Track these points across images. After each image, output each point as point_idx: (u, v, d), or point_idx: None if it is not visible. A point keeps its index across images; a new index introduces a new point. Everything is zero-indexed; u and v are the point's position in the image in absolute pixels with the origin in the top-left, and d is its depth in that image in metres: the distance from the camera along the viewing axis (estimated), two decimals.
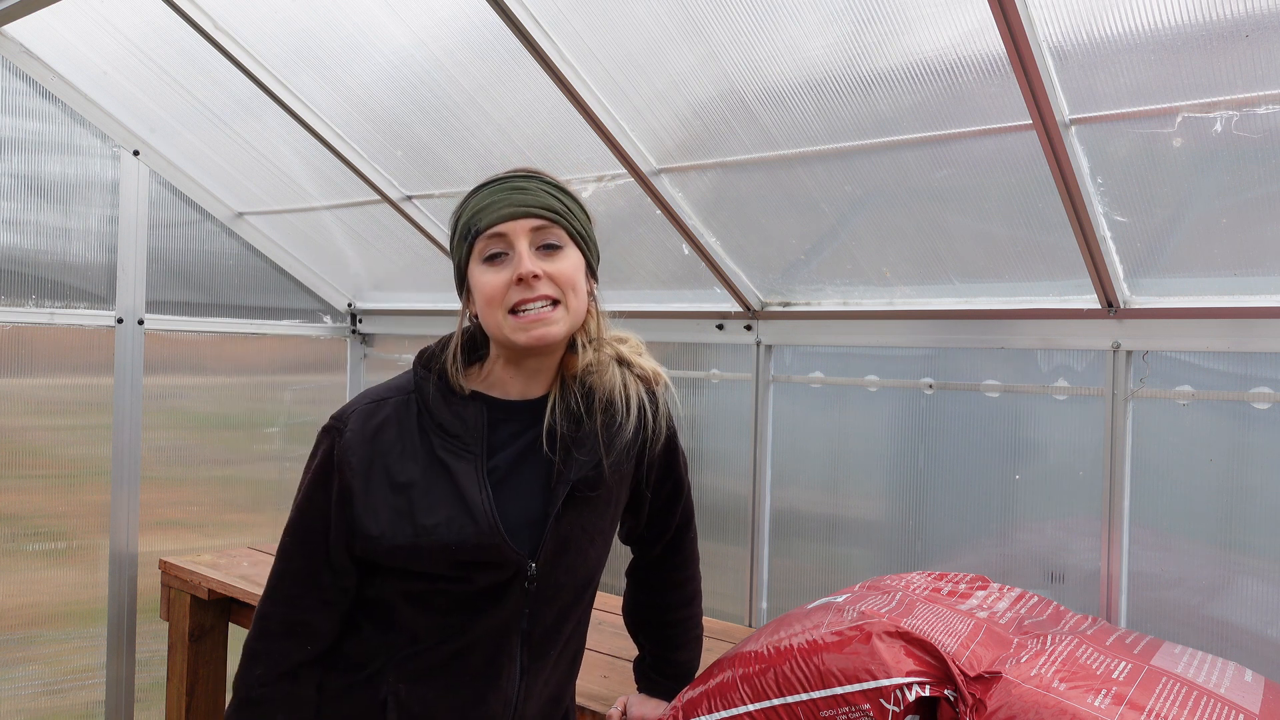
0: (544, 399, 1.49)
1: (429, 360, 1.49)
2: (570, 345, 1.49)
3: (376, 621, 1.47)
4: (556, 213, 1.43)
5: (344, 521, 1.42)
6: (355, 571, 1.46)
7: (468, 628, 1.45)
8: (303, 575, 1.45)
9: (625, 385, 1.50)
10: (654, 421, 1.55)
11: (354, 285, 3.75)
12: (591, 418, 1.47)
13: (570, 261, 1.43)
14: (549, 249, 1.42)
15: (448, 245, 1.51)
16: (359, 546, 1.43)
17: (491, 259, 1.41)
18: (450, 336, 1.51)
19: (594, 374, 1.48)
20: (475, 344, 1.52)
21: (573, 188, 1.49)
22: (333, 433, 1.45)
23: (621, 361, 1.51)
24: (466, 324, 1.50)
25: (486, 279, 1.40)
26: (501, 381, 1.48)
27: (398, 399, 1.47)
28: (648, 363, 1.54)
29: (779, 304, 2.61)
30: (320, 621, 1.46)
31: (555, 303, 1.40)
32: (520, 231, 1.40)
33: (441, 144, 2.69)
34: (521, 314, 1.39)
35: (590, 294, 1.49)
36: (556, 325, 1.40)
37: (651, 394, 1.55)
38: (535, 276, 1.38)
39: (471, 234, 1.42)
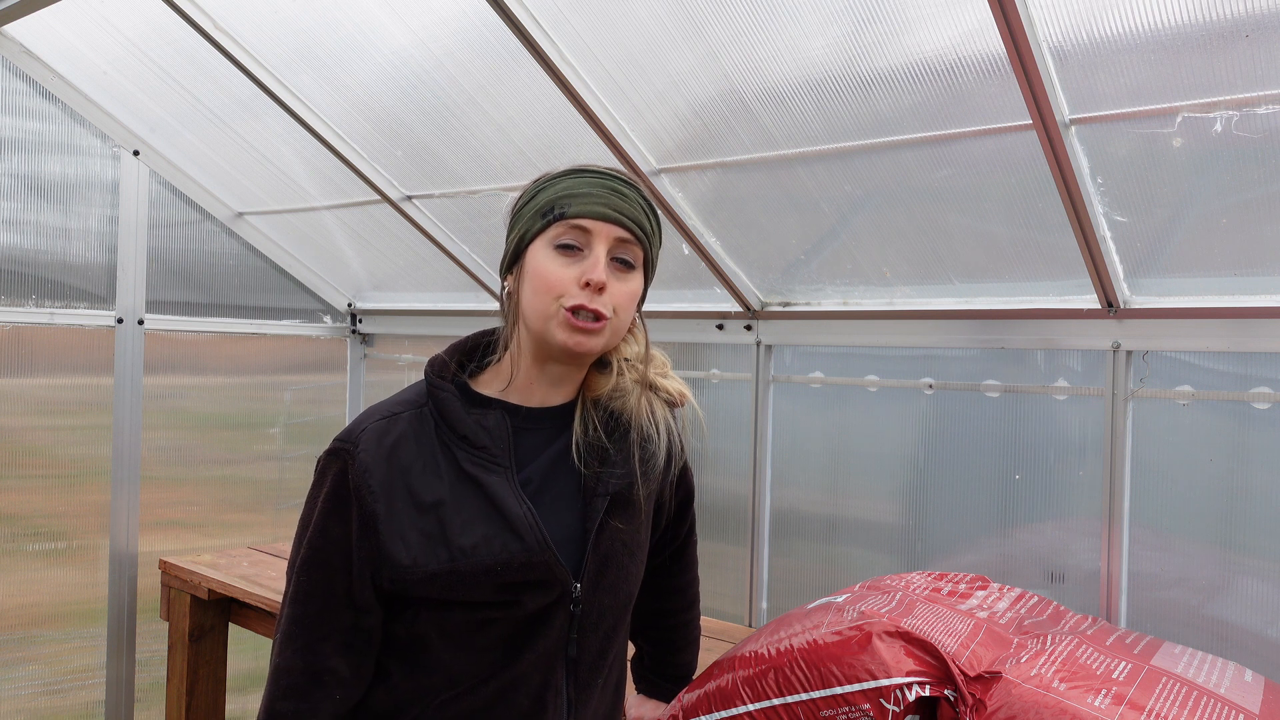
0: (568, 407, 1.41)
1: (441, 369, 1.39)
2: (598, 363, 1.42)
3: (408, 664, 1.34)
4: (645, 234, 1.36)
5: (368, 552, 1.29)
6: (380, 609, 1.32)
7: (510, 663, 1.33)
8: (323, 618, 1.31)
9: (653, 410, 1.42)
10: (680, 439, 1.50)
11: (354, 285, 3.75)
12: (617, 442, 1.40)
13: (634, 285, 1.35)
14: (623, 265, 1.34)
15: (511, 211, 1.41)
16: (388, 578, 1.29)
17: (564, 248, 1.31)
18: (458, 344, 1.44)
19: (620, 397, 1.40)
20: (481, 349, 1.45)
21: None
22: (342, 455, 1.31)
23: (648, 385, 1.43)
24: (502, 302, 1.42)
25: (552, 267, 1.30)
26: (523, 387, 1.38)
27: (410, 413, 1.34)
28: (673, 384, 1.47)
29: (779, 304, 2.61)
30: (345, 668, 1.31)
31: (601, 318, 1.31)
32: (605, 236, 1.31)
33: (441, 144, 2.69)
34: (572, 313, 1.29)
35: (638, 318, 1.43)
36: (597, 340, 1.32)
37: (674, 410, 1.49)
38: (602, 288, 1.30)
39: (554, 214, 1.31)
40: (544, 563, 1.30)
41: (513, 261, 1.38)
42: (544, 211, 1.33)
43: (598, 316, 1.31)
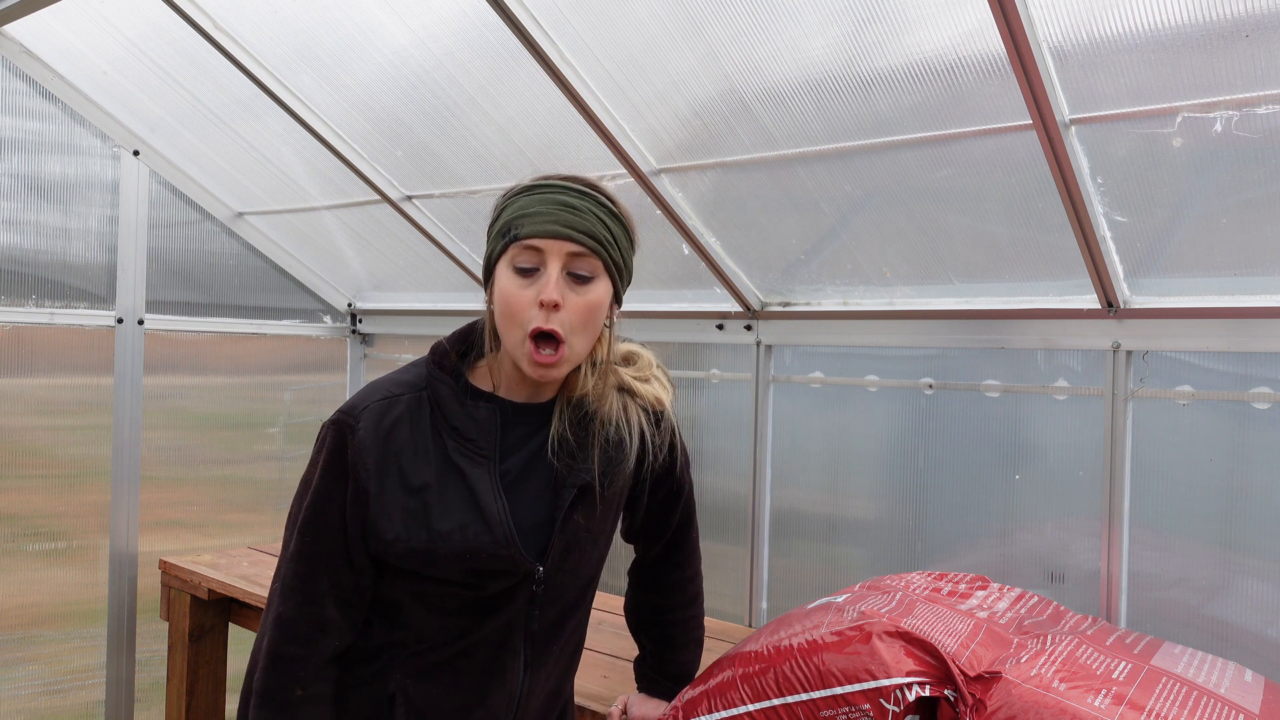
0: (550, 403, 1.50)
1: (442, 359, 1.47)
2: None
3: (385, 619, 1.47)
4: (599, 243, 1.39)
5: (359, 521, 1.41)
6: (372, 569, 1.44)
7: (475, 628, 1.46)
8: (323, 574, 1.42)
9: (626, 413, 1.50)
10: (654, 445, 1.55)
11: (354, 285, 3.75)
12: (586, 443, 1.47)
13: (594, 295, 1.40)
14: (579, 279, 1.39)
15: (487, 227, 1.47)
16: (373, 547, 1.42)
17: (521, 271, 1.38)
18: (460, 333, 1.51)
19: (594, 403, 1.48)
20: (479, 338, 1.51)
21: (624, 207, 1.45)
22: (343, 428, 1.41)
23: (625, 389, 1.51)
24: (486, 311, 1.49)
25: (511, 289, 1.38)
26: (510, 383, 1.47)
27: (410, 396, 1.44)
28: (650, 391, 1.53)
29: (779, 304, 2.61)
30: (341, 619, 1.43)
31: (560, 344, 1.37)
32: (557, 253, 1.37)
33: (441, 144, 2.69)
34: (535, 345, 1.36)
35: (607, 320, 1.47)
36: (559, 368, 1.39)
37: (657, 416, 1.55)
38: (555, 307, 1.36)
39: (509, 235, 1.39)
40: (509, 555, 1.41)
41: (488, 276, 1.46)
42: (503, 232, 1.41)
43: (556, 343, 1.37)
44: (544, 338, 1.37)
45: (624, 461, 1.50)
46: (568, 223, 1.37)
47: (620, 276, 1.45)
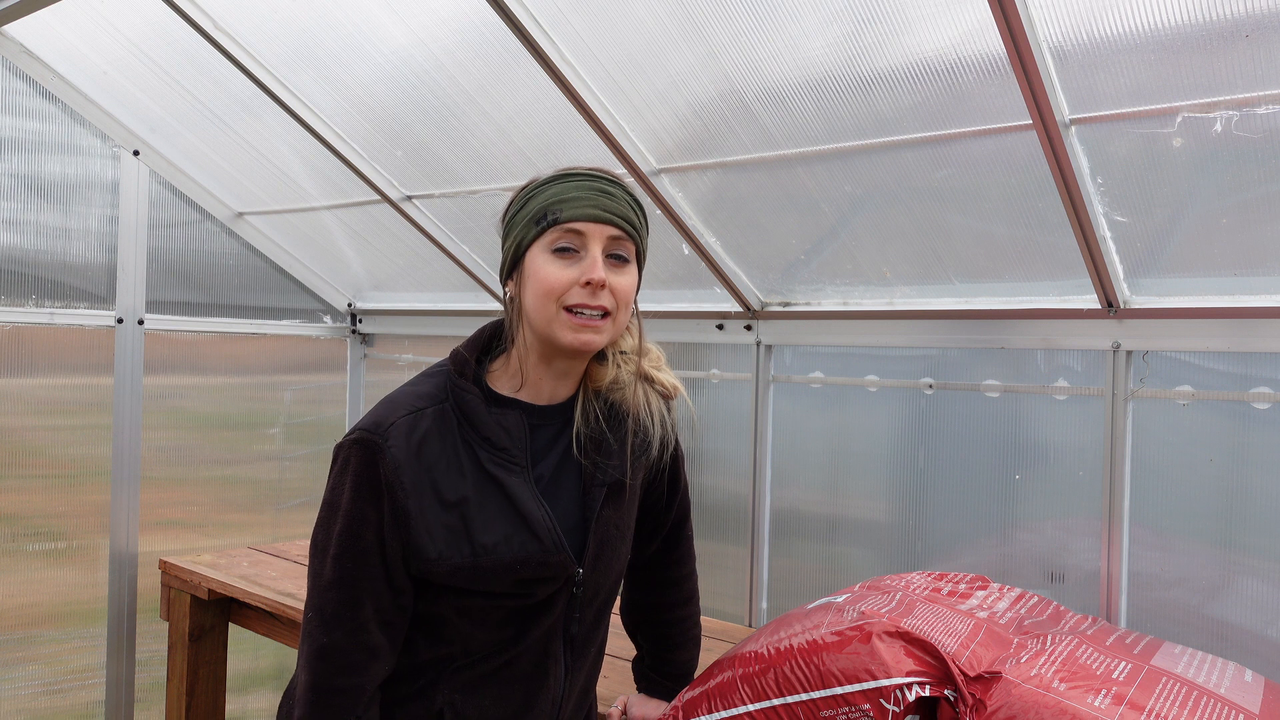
0: (570, 401, 1.50)
1: (463, 367, 1.45)
2: (598, 355, 1.49)
3: (428, 635, 1.45)
4: (635, 228, 1.43)
5: (399, 541, 1.37)
6: (411, 588, 1.41)
7: (520, 638, 1.46)
8: (366, 599, 1.38)
9: (648, 401, 1.51)
10: (673, 432, 1.58)
11: (354, 285, 3.75)
12: (615, 431, 1.49)
13: (631, 278, 1.43)
14: (618, 260, 1.42)
15: (503, 220, 1.47)
16: (414, 567, 1.39)
17: (561, 252, 1.39)
18: (474, 339, 1.50)
19: (619, 390, 1.49)
20: (493, 340, 1.51)
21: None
22: (371, 447, 1.37)
23: (644, 377, 1.52)
24: (504, 302, 1.49)
25: (552, 270, 1.38)
26: (533, 383, 1.47)
27: (434, 409, 1.41)
28: (668, 378, 1.55)
29: (779, 304, 2.61)
30: (386, 642, 1.40)
31: (605, 315, 1.40)
32: (599, 236, 1.39)
33: (441, 144, 2.69)
34: (577, 315, 1.38)
35: (634, 311, 1.50)
36: (602, 335, 1.41)
37: (667, 405, 1.57)
38: (602, 285, 1.38)
39: (548, 220, 1.39)
40: (559, 562, 1.43)
41: (511, 267, 1.45)
42: (537, 219, 1.40)
43: (604, 313, 1.39)
44: (588, 313, 1.39)
45: (649, 449, 1.52)
46: (607, 208, 1.40)
47: (642, 264, 1.49)
